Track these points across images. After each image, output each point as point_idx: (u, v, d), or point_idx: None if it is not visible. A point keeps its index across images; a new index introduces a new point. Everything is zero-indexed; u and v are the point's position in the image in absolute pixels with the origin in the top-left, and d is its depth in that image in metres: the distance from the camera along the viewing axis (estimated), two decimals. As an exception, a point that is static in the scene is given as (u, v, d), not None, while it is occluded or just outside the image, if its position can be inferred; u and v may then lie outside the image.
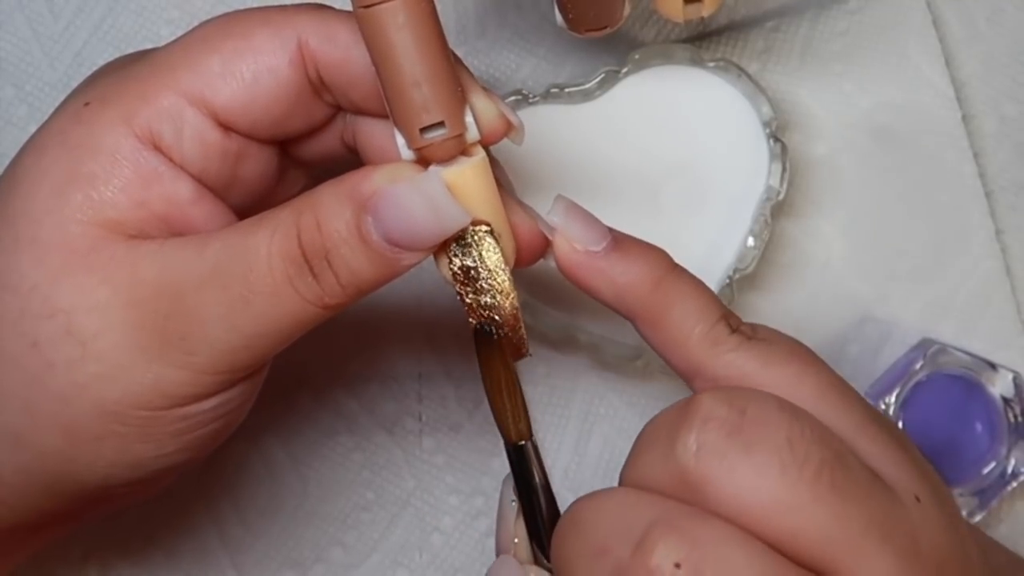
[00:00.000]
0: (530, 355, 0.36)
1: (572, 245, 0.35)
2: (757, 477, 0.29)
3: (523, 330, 0.36)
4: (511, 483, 0.37)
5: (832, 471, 0.30)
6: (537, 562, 0.36)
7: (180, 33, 0.37)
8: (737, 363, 0.33)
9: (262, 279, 0.33)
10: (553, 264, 0.36)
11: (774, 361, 0.33)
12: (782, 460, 0.29)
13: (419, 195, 0.33)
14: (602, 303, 0.36)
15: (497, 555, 0.37)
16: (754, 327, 0.34)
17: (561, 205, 0.36)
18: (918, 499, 0.31)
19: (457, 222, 0.34)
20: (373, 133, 0.37)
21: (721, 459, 0.30)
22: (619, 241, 0.36)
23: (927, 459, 0.34)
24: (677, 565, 0.29)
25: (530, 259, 0.37)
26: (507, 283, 0.35)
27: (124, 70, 0.36)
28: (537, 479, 0.36)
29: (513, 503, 0.36)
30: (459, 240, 0.35)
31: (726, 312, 0.34)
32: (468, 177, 0.34)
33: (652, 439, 0.32)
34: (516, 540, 0.36)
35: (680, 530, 0.29)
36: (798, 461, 0.29)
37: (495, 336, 0.36)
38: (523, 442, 0.36)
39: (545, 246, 0.36)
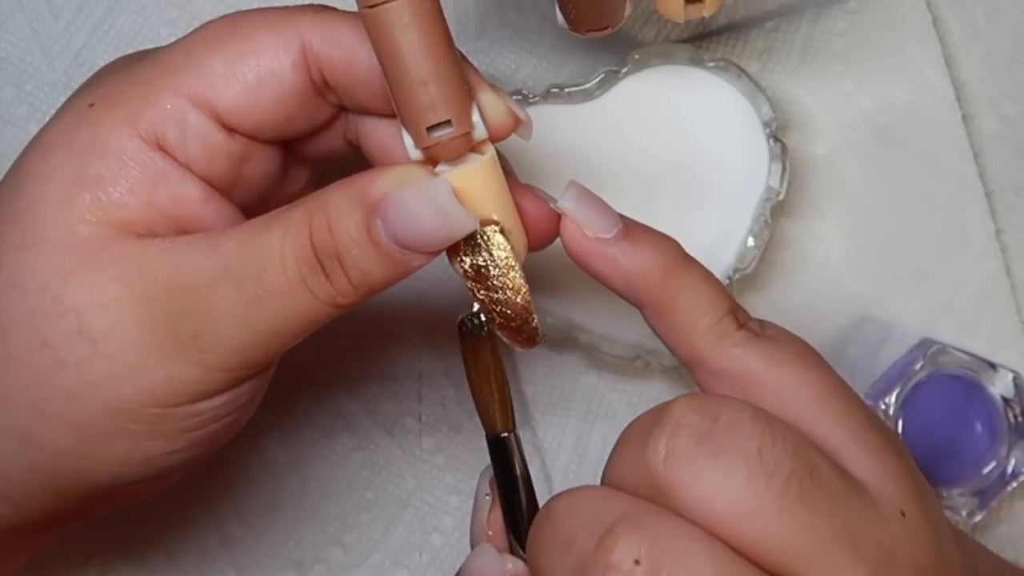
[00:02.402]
0: (545, 340, 0.37)
1: (582, 231, 0.35)
2: (723, 483, 0.30)
3: (535, 321, 0.36)
4: (488, 476, 0.37)
5: (801, 482, 0.30)
6: (513, 553, 0.36)
7: (180, 33, 0.37)
8: (741, 359, 0.33)
9: (276, 278, 0.34)
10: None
11: (779, 360, 0.33)
12: (749, 468, 0.30)
13: (427, 200, 0.33)
14: (611, 290, 0.36)
15: (472, 547, 0.37)
16: (762, 324, 0.34)
17: (573, 191, 0.36)
18: (903, 513, 0.31)
19: (464, 227, 0.34)
20: (376, 132, 0.37)
21: (689, 465, 0.30)
22: (630, 228, 0.35)
23: (921, 469, 0.34)
24: (636, 561, 0.29)
25: (542, 243, 0.37)
26: (518, 279, 0.35)
27: (127, 71, 0.36)
28: (518, 471, 0.36)
29: (487, 496, 0.36)
30: (469, 240, 0.35)
31: (734, 306, 0.34)
32: (478, 178, 0.34)
33: (628, 442, 0.32)
34: (491, 532, 0.37)
35: (643, 527, 0.29)
36: (767, 471, 0.30)
37: (484, 330, 0.36)
38: (506, 434, 0.36)
39: (556, 230, 0.36)
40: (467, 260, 0.35)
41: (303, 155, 0.39)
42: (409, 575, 0.48)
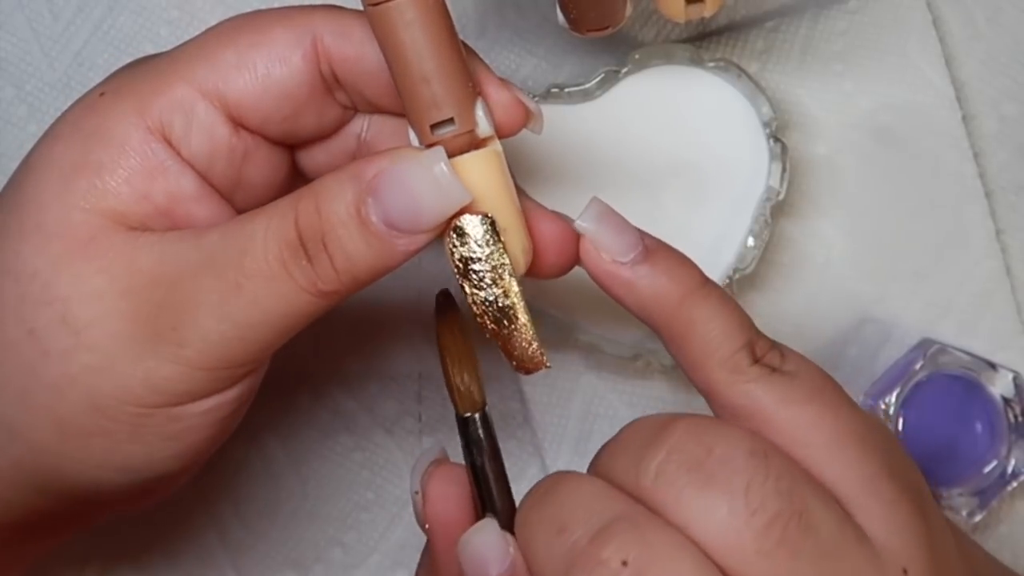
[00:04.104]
0: (548, 367, 0.36)
1: (599, 253, 0.35)
2: (705, 514, 0.30)
3: (531, 334, 0.35)
4: (419, 473, 0.36)
5: (786, 525, 0.29)
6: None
7: (180, 33, 0.37)
8: (753, 395, 0.32)
9: (256, 263, 0.33)
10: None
11: (793, 399, 0.32)
12: (732, 504, 0.29)
13: (421, 170, 0.33)
14: (628, 312, 0.35)
15: (426, 537, 0.37)
16: (784, 356, 0.33)
17: (594, 210, 0.35)
18: (905, 572, 0.30)
19: (457, 200, 0.33)
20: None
21: (677, 491, 0.30)
22: (650, 252, 0.35)
23: (921, 469, 0.33)
24: (624, 563, 0.29)
25: (566, 266, 0.36)
26: (507, 279, 0.35)
27: (142, 65, 0.37)
28: (476, 457, 0.36)
29: (416, 494, 0.36)
30: (457, 228, 0.34)
31: (753, 337, 0.34)
32: (470, 166, 0.34)
33: (626, 444, 0.32)
34: (427, 526, 0.36)
35: (639, 530, 0.29)
36: (750, 508, 0.29)
37: (453, 306, 0.36)
38: (468, 414, 0.36)
39: (577, 252, 0.36)
40: (456, 252, 0.35)
41: (308, 167, 0.39)
42: (409, 575, 0.48)
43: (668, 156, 0.46)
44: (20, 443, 0.35)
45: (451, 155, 0.34)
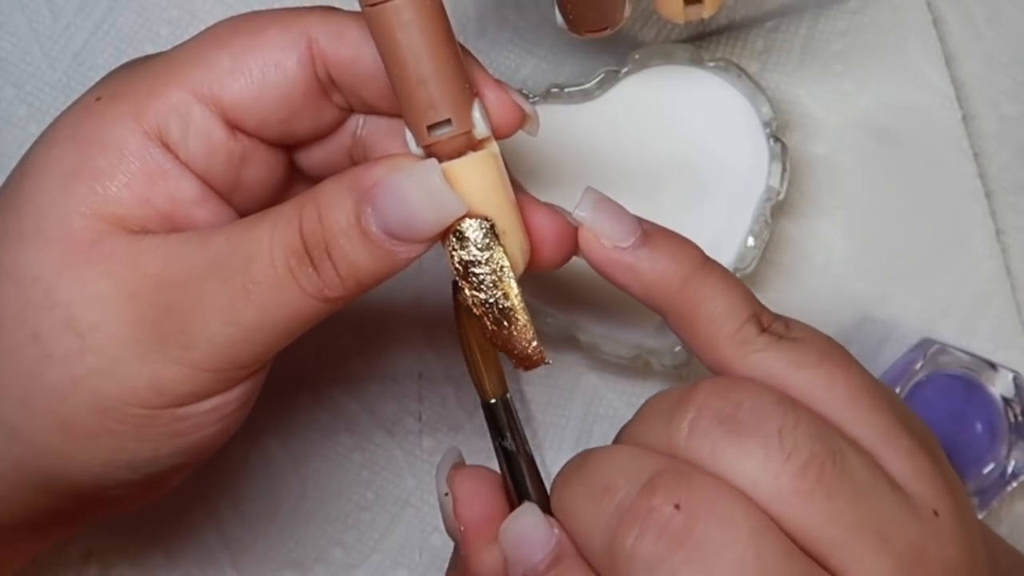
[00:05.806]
0: (548, 363, 0.36)
1: (599, 240, 0.35)
2: (741, 462, 0.30)
3: (531, 333, 0.35)
4: (443, 473, 0.37)
5: (822, 467, 0.30)
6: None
7: (180, 33, 0.37)
8: (764, 364, 0.33)
9: (264, 270, 0.33)
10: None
11: (804, 363, 0.33)
12: (767, 449, 0.30)
13: (416, 183, 0.33)
14: (633, 297, 0.36)
15: (453, 540, 0.36)
16: (788, 325, 0.34)
17: (589, 199, 0.36)
18: (936, 514, 0.31)
19: (453, 211, 0.33)
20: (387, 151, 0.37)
21: (711, 443, 0.31)
22: (649, 235, 0.35)
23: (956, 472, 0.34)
24: (677, 506, 0.30)
25: (564, 258, 0.36)
26: (506, 281, 0.35)
27: (138, 67, 0.36)
28: (511, 436, 0.36)
29: (446, 495, 0.36)
30: (457, 233, 0.34)
31: (758, 309, 0.34)
32: (468, 170, 0.34)
33: (653, 412, 0.32)
34: (463, 528, 0.36)
35: (686, 477, 0.30)
36: (785, 451, 0.30)
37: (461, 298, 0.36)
38: (493, 400, 0.36)
39: (575, 244, 0.36)
40: (456, 256, 0.35)
41: (305, 167, 0.39)
42: (409, 575, 0.48)
43: (668, 156, 0.46)
44: (22, 445, 0.35)
45: (448, 156, 0.34)
